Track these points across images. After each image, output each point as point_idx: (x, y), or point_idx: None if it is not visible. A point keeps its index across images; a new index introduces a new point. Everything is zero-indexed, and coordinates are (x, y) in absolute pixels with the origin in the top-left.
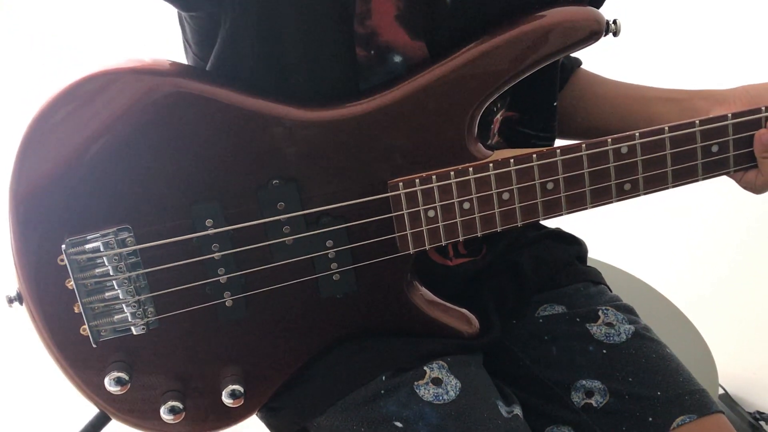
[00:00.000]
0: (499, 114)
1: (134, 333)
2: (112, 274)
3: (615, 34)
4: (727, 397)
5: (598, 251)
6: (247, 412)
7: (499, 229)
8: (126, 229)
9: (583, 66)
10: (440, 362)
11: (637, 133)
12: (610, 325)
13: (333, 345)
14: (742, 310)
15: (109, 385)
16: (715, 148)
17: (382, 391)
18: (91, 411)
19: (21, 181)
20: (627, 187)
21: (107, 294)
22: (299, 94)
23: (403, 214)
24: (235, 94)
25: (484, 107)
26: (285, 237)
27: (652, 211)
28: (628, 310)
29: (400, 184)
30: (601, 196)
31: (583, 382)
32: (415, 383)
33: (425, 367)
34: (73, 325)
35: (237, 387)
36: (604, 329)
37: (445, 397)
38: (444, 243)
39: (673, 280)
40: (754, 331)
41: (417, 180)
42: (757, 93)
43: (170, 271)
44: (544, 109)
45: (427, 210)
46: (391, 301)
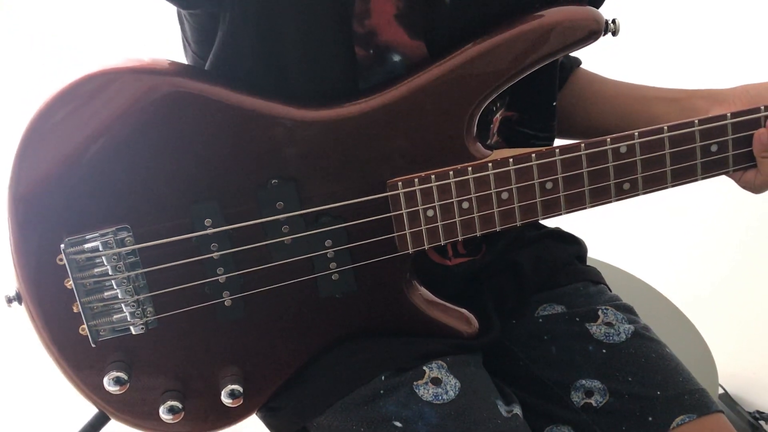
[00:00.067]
0: (498, 114)
1: (133, 333)
2: (111, 273)
3: (614, 34)
4: (726, 397)
5: (597, 251)
6: (246, 412)
7: (498, 229)
8: (125, 229)
9: (583, 65)
10: (439, 362)
11: (636, 133)
12: (609, 325)
13: (332, 345)
14: (742, 310)
15: (108, 385)
16: (714, 148)
17: (382, 391)
18: (90, 411)
19: (20, 180)
20: (626, 186)
21: (106, 294)
22: (298, 94)
23: (402, 213)
24: (234, 94)
25: (483, 106)
26: (284, 237)
27: (651, 210)
28: (627, 310)
29: (399, 183)
30: (600, 196)
31: (583, 382)
32: (415, 383)
33: (424, 367)
34: (72, 324)
35: (236, 387)
36: (604, 329)
37: (445, 397)
38: (443, 242)
39: (673, 280)
40: (754, 331)
41: (416, 179)
42: (757, 92)
43: (169, 271)
44: (544, 109)
45: (426, 210)
46: (391, 301)
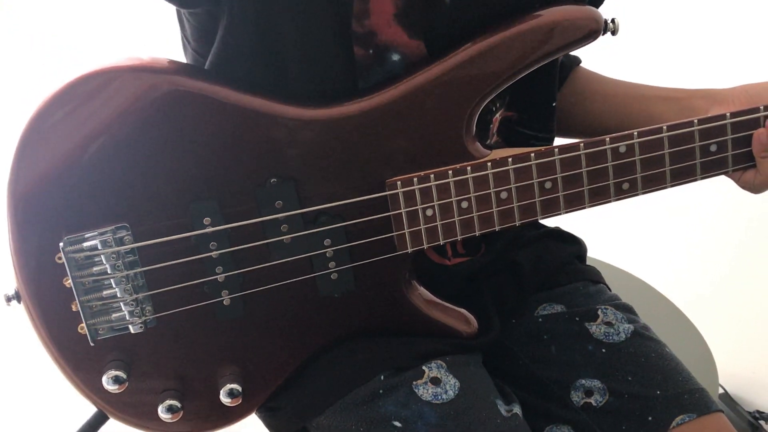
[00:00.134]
0: (498, 114)
1: (132, 331)
2: (109, 272)
3: (613, 33)
4: (726, 397)
5: (597, 250)
6: (245, 412)
7: (497, 228)
8: (124, 228)
9: (582, 65)
10: (439, 362)
11: (636, 132)
12: (609, 325)
13: (331, 344)
14: (742, 310)
15: (107, 384)
16: (713, 148)
17: (381, 391)
18: (89, 410)
19: (19, 179)
20: (625, 186)
21: (105, 292)
22: (298, 93)
23: (401, 213)
24: (233, 93)
25: (483, 106)
26: (283, 236)
27: (651, 210)
28: (627, 309)
29: (398, 182)
30: (600, 196)
31: (583, 382)
32: (414, 383)
33: (424, 367)
34: (71, 323)
35: (235, 386)
36: (604, 328)
37: (444, 397)
38: (442, 242)
39: (673, 280)
40: (754, 331)
41: (415, 179)
42: (756, 92)
43: (168, 270)
44: (543, 109)
45: (425, 209)
46: (390, 301)
